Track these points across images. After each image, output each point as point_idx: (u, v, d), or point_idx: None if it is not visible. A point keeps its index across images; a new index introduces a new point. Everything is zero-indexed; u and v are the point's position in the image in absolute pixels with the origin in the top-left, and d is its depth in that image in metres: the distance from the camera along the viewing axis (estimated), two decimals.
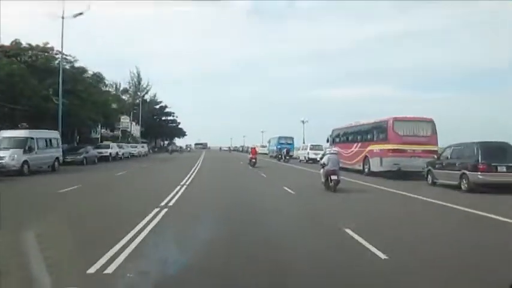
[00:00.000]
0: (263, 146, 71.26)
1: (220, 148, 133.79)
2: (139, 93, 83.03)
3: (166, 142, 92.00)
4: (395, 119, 22.02)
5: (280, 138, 54.02)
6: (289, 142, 52.36)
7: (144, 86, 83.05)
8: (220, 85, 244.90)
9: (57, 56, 35.57)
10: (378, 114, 54.63)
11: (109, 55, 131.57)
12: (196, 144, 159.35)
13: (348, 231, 8.00)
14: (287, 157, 44.82)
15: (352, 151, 26.16)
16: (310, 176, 22.85)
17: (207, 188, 18.21)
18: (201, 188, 17.58)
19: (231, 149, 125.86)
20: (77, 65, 38.06)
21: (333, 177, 15.38)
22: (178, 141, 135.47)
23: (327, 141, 32.40)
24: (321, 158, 18.57)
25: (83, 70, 39.17)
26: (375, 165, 22.93)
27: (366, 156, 24.05)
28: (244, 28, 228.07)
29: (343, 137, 29.73)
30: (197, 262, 5.83)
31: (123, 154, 43.52)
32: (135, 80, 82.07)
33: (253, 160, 34.40)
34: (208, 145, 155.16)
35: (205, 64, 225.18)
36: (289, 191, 15.97)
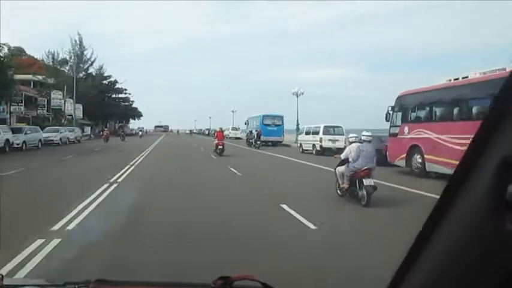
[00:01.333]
0: (235, 129, 58.98)
1: (178, 131, 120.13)
2: (82, 66, 69.14)
3: (117, 125, 78.12)
4: None
5: (264, 117, 38.34)
6: (277, 123, 38.19)
7: (88, 56, 69.13)
8: (181, 66, 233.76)
9: None
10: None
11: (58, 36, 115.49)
12: (156, 126, 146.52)
13: None
14: (258, 142, 34.87)
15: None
16: (318, 177, 15.28)
17: (137, 202, 9.55)
18: (126, 205, 8.96)
19: (194, 131, 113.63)
20: None
21: (366, 181, 9.06)
22: (135, 124, 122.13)
23: (386, 119, 17.04)
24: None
25: None
26: None
27: None
28: (208, 8, 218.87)
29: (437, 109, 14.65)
30: None
31: (24, 143, 28.61)
32: (77, 48, 67.91)
33: (220, 147, 26.29)
34: (170, 128, 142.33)
35: (163, 43, 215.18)
36: (297, 216, 7.95)
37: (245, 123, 44.45)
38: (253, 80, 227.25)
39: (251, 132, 38.97)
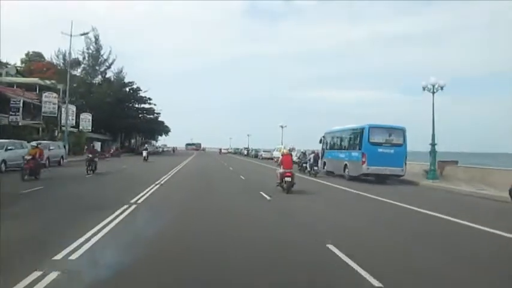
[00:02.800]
0: (291, 151, 43.77)
1: (204, 149, 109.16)
2: (97, 68, 57.04)
3: (135, 140, 64.10)
4: None
5: (372, 130, 20.27)
6: (395, 141, 20.12)
7: (105, 57, 56.95)
8: (216, 84, 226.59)
9: None
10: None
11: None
12: (187, 144, 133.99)
13: None
14: (315, 167, 23.52)
15: None
16: None
17: None
18: None
19: (230, 150, 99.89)
20: None
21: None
22: (165, 141, 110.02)
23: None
24: None
25: None
26: None
27: None
28: (237, 27, 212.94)
29: None
30: None
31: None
32: (92, 48, 55.93)
33: (288, 179, 14.69)
34: (202, 146, 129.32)
35: (195, 62, 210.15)
36: None
37: (320, 141, 27.78)
38: (292, 98, 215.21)
39: (305, 154, 26.46)
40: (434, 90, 20.53)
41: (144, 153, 38.12)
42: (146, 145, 38.42)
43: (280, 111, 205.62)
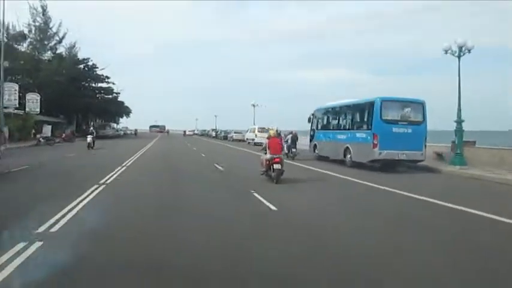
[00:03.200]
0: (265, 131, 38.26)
1: (167, 131, 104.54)
2: (46, 43, 51.07)
3: (93, 122, 58.22)
4: None
5: (384, 103, 16.20)
6: (414, 119, 16.39)
7: (54, 30, 51.01)
8: (181, 65, 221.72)
9: None
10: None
11: None
12: (151, 126, 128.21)
13: None
14: (293, 149, 22.22)
15: None
16: None
17: None
18: None
19: (196, 132, 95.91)
20: None
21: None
22: (128, 123, 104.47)
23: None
24: None
25: None
26: None
27: None
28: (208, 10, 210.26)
29: None
30: None
31: None
32: (40, 19, 49.82)
33: (277, 166, 12.10)
34: (166, 128, 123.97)
35: (161, 43, 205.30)
36: None
37: (309, 120, 23.70)
38: (260, 81, 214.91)
39: (279, 134, 21.89)
40: (461, 54, 16.90)
41: (89, 139, 28.84)
42: (91, 128, 31.53)
43: (251, 93, 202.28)
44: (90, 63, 55.24)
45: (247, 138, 45.21)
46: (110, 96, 61.25)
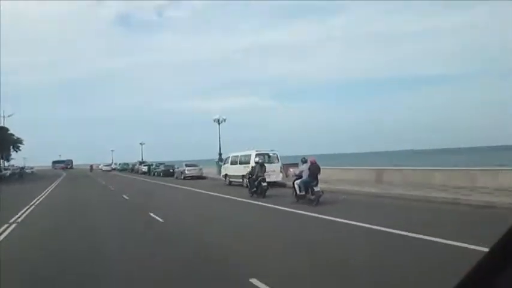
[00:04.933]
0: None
1: (91, 167, 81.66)
2: None
3: None
4: None
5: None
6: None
7: None
8: (83, 98, 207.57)
9: None
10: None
11: None
12: (55, 162, 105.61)
13: None
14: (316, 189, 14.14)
15: None
16: None
17: None
18: None
19: (111, 167, 76.58)
20: None
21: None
22: (19, 160, 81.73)
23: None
24: None
25: None
26: None
27: None
28: (109, 38, 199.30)
29: None
30: None
31: None
32: None
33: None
34: (73, 163, 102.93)
35: (63, 74, 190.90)
36: None
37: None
38: (164, 110, 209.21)
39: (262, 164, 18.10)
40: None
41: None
42: None
43: (149, 124, 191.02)
44: None
45: (226, 175, 27.52)
46: None
